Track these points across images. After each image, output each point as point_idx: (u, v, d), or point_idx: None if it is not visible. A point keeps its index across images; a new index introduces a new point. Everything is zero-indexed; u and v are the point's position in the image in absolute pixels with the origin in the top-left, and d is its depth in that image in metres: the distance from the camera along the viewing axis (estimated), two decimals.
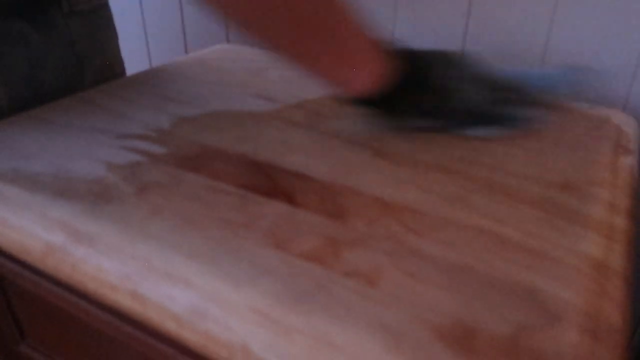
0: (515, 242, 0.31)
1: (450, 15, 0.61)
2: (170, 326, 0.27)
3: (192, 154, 0.41)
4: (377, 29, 0.39)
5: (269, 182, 0.37)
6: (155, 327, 0.28)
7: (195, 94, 0.53)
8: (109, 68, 0.60)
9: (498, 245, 0.31)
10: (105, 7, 0.59)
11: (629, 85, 0.55)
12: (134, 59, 0.93)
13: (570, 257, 0.30)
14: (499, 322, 0.25)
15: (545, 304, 0.26)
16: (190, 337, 0.27)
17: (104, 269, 0.29)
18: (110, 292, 0.29)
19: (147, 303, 0.28)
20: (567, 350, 0.23)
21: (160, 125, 0.46)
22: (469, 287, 0.27)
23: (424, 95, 0.42)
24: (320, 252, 0.30)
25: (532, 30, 0.57)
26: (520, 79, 0.46)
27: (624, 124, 0.48)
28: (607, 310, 0.26)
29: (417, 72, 0.42)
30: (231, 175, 0.38)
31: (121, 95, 0.52)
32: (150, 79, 0.58)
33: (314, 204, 0.34)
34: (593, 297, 0.27)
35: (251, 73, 0.59)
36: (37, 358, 0.44)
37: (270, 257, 0.29)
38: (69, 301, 0.35)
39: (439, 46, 0.63)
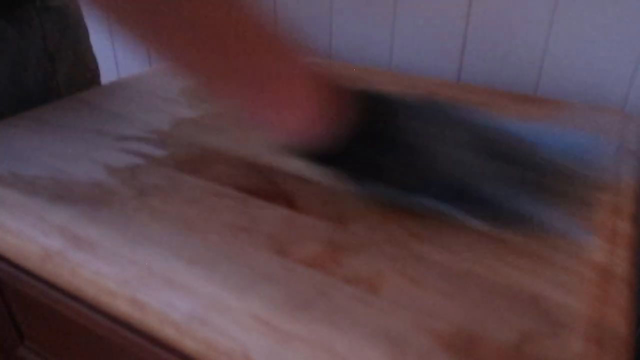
0: (518, 247, 0.30)
1: (450, 16, 0.60)
2: (169, 333, 0.27)
3: (192, 156, 0.40)
4: (319, 57, 0.31)
5: (270, 185, 0.36)
6: (154, 333, 0.28)
7: (195, 94, 0.53)
8: (81, 65, 0.59)
9: (501, 250, 0.30)
10: (75, 3, 0.58)
11: (628, 86, 0.54)
12: (134, 59, 0.93)
13: (573, 263, 0.29)
14: (503, 330, 0.25)
15: (549, 311, 0.26)
16: (190, 344, 0.26)
17: (103, 274, 0.29)
18: (109, 297, 0.29)
19: (146, 309, 0.28)
20: (572, 359, 0.23)
21: (160, 126, 0.45)
22: (472, 294, 0.27)
23: (386, 152, 0.31)
24: (321, 257, 0.29)
25: (532, 30, 0.57)
26: (535, 140, 0.33)
27: (627, 125, 0.48)
28: (611, 317, 0.26)
29: (377, 120, 0.31)
30: (232, 179, 0.37)
31: (120, 96, 0.52)
32: (150, 79, 0.57)
33: (315, 208, 0.34)
34: (597, 303, 0.26)
35: None
36: None
37: (271, 263, 0.29)
38: (68, 306, 0.34)
39: (438, 46, 0.63)
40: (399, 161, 0.30)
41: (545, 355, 0.23)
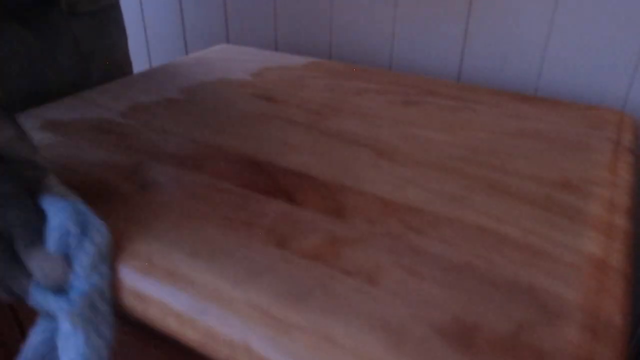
0: (515, 241, 0.31)
1: (450, 16, 0.61)
2: (171, 324, 0.27)
3: (193, 153, 0.41)
4: None
5: (270, 181, 0.37)
6: (155, 325, 0.28)
7: (195, 93, 0.53)
8: (116, 68, 0.60)
9: (498, 243, 0.31)
10: (114, 8, 0.59)
11: (628, 86, 0.55)
12: (134, 59, 0.94)
13: (570, 255, 0.30)
14: (499, 320, 0.25)
15: (545, 302, 0.26)
16: (191, 335, 0.27)
17: None
18: (110, 291, 0.29)
19: (147, 301, 0.28)
20: (567, 348, 0.23)
21: (161, 125, 0.46)
22: (469, 285, 0.27)
23: None
24: (320, 250, 0.30)
25: (532, 30, 0.57)
26: None
27: (624, 123, 0.48)
28: (607, 307, 0.26)
29: None
30: (232, 174, 0.38)
31: (121, 95, 0.53)
32: (150, 78, 0.58)
33: (314, 203, 0.34)
34: (593, 294, 0.27)
35: (251, 73, 0.60)
36: None
37: (272, 255, 0.29)
38: None
39: (438, 46, 0.63)
40: None
41: (541, 345, 0.24)
